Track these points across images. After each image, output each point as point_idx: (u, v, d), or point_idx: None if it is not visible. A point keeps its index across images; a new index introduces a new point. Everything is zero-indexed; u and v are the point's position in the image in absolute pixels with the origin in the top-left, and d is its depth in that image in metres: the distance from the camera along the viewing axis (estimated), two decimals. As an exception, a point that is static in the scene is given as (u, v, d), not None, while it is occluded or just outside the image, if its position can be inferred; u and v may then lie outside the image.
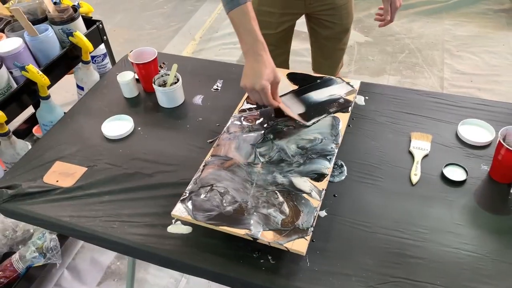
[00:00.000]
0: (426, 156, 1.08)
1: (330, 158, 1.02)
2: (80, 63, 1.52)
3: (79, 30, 1.48)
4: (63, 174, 1.11)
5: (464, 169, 1.03)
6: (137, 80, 1.36)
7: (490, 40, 2.78)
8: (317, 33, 1.47)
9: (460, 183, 1.01)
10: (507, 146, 0.94)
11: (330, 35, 1.47)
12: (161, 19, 3.29)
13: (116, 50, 2.91)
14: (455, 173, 1.03)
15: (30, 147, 1.42)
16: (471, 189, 1.00)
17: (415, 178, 1.02)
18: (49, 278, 1.66)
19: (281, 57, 1.56)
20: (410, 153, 1.09)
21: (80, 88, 1.58)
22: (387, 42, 2.82)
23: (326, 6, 1.39)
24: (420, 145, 1.10)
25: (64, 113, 1.44)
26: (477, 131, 1.13)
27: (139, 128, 1.23)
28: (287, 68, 1.62)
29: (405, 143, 1.12)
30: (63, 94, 2.50)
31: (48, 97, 1.36)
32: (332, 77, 1.26)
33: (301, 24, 1.54)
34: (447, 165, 1.05)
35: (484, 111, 1.19)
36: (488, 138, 1.10)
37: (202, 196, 0.95)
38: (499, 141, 0.97)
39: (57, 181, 1.10)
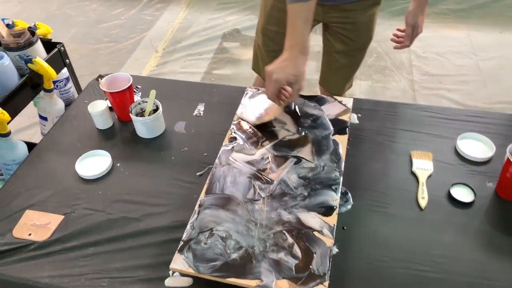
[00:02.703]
0: (430, 176, 1.03)
1: (336, 188, 0.95)
2: (42, 92, 1.37)
3: (39, 55, 1.33)
4: (36, 225, 0.98)
5: (471, 188, 1.00)
6: (110, 108, 1.24)
7: (453, 40, 2.83)
8: (331, 46, 1.37)
9: (469, 204, 0.97)
10: (517, 164, 0.91)
11: (344, 50, 1.36)
12: (119, 31, 3.12)
13: (73, 67, 2.75)
14: (463, 194, 0.99)
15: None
16: (481, 209, 0.97)
17: (423, 202, 0.97)
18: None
19: None
20: (413, 173, 1.04)
21: (43, 118, 1.43)
22: (354, 46, 2.81)
23: (345, 19, 1.28)
24: (423, 165, 1.05)
25: (28, 148, 1.30)
26: (476, 146, 1.10)
27: (118, 164, 1.11)
28: None
29: (406, 163, 1.07)
30: (16, 118, 2.30)
31: (8, 134, 1.21)
32: (323, 96, 1.20)
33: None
34: (453, 184, 1.01)
35: (480, 123, 1.16)
36: (488, 153, 1.07)
37: (202, 243, 0.85)
38: (508, 159, 0.94)
39: (30, 234, 0.96)
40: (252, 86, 1.29)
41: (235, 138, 1.09)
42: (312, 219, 0.89)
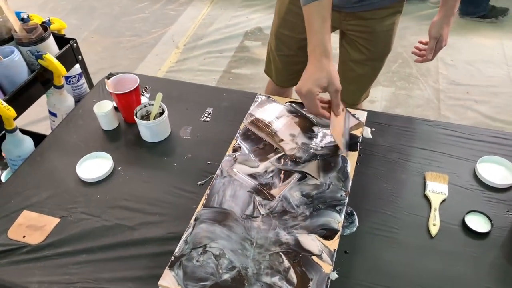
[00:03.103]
0: (443, 200, 0.97)
1: (340, 209, 0.90)
2: (52, 88, 1.36)
3: (51, 51, 1.32)
4: (31, 227, 0.96)
5: (488, 217, 0.92)
6: (117, 108, 1.21)
7: (484, 48, 2.70)
8: (347, 54, 1.30)
9: (484, 235, 0.90)
10: (540, 197, 0.84)
11: (360, 60, 1.29)
12: (142, 25, 3.11)
13: (93, 59, 2.76)
14: (478, 222, 0.92)
15: None
16: (497, 241, 0.89)
17: (434, 229, 0.91)
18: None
19: (298, 66, 1.37)
20: (426, 197, 0.98)
21: (52, 114, 1.42)
22: (379, 50, 2.71)
23: (362, 28, 1.21)
24: (437, 188, 0.98)
25: (40, 141, 1.28)
26: (497, 171, 1.02)
27: (120, 168, 1.09)
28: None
29: (419, 185, 1.00)
30: (34, 107, 2.31)
31: (14, 130, 1.20)
32: (336, 107, 1.14)
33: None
34: (468, 212, 0.93)
35: (504, 145, 1.08)
36: (510, 179, 1.00)
37: (194, 260, 0.82)
38: (530, 190, 0.86)
39: (24, 236, 0.94)
40: (263, 93, 1.24)
41: (239, 148, 1.05)
42: (311, 242, 0.84)
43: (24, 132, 1.74)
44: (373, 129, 1.14)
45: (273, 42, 1.38)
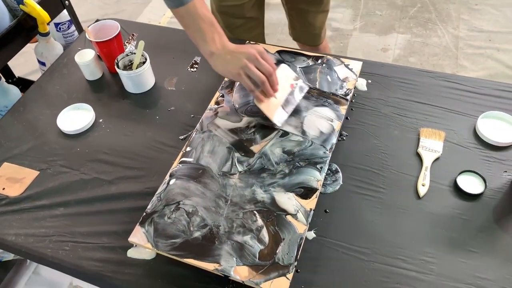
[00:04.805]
0: (437, 159, 0.90)
1: (321, 167, 0.85)
2: (38, 35, 1.31)
3: (33, -4, 1.26)
4: (10, 179, 0.95)
5: (482, 178, 0.86)
6: (100, 57, 1.16)
7: (513, -9, 2.48)
8: None
9: (476, 196, 0.84)
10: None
11: None
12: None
13: (97, 4, 2.67)
14: (471, 183, 0.86)
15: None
16: (490, 204, 0.83)
17: (422, 190, 0.85)
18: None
19: (256, 30, 1.32)
20: (418, 154, 0.92)
21: (41, 63, 1.38)
22: (397, -7, 2.52)
23: None
24: (430, 146, 0.92)
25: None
26: (499, 127, 0.94)
27: (101, 120, 1.05)
28: (264, 42, 1.38)
29: (412, 142, 0.94)
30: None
31: (-2, 80, 1.18)
32: (329, 57, 1.06)
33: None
34: (461, 172, 0.87)
35: (511, 99, 0.99)
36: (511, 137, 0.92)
37: (166, 217, 0.80)
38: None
39: (4, 188, 0.94)
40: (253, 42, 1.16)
41: (222, 101, 0.99)
42: (288, 201, 0.80)
43: (24, 80, 1.73)
44: (369, 81, 1.07)
45: (220, 21, 1.26)
